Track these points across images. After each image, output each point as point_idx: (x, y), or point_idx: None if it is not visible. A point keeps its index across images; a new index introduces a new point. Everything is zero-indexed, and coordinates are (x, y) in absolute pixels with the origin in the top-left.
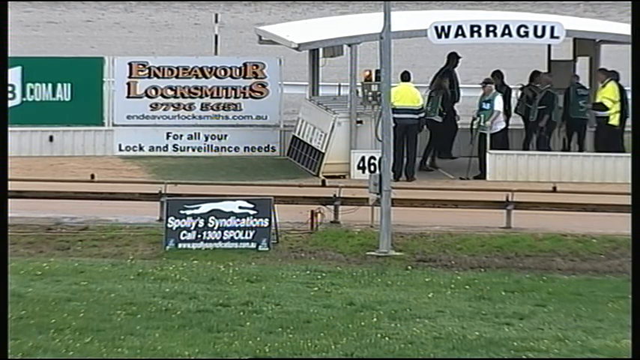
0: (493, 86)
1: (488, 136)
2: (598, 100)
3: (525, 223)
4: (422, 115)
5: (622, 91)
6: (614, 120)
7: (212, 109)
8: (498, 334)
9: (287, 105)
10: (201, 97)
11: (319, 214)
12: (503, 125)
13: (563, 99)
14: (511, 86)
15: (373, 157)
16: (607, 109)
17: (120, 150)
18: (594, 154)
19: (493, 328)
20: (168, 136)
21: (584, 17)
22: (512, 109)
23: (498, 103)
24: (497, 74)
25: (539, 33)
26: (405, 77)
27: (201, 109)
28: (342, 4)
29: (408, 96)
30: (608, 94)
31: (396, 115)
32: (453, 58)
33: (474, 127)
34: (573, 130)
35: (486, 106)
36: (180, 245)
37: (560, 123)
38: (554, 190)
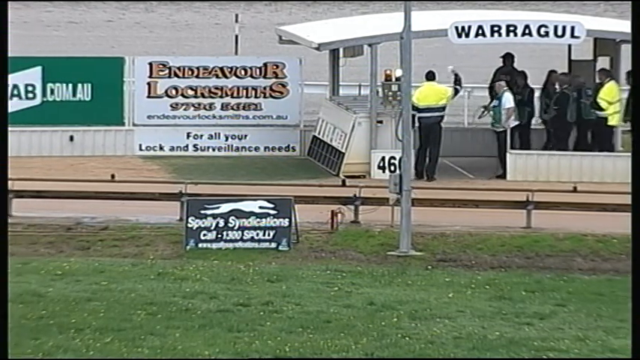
0: (503, 83)
1: (507, 133)
2: (595, 100)
3: (546, 223)
4: (443, 113)
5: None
6: (614, 120)
7: (232, 109)
8: (519, 334)
9: (307, 105)
10: (221, 97)
11: (339, 214)
12: (515, 122)
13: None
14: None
15: (393, 157)
16: (602, 109)
17: (140, 150)
18: (615, 154)
19: (514, 328)
20: (188, 136)
21: (605, 17)
22: (538, 109)
23: (507, 100)
24: (521, 75)
25: (560, 33)
26: (430, 77)
27: (222, 109)
28: (363, 4)
29: (431, 95)
30: (604, 95)
31: (418, 115)
32: (509, 58)
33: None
34: (586, 130)
35: (495, 103)
36: (200, 245)
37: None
38: (575, 190)
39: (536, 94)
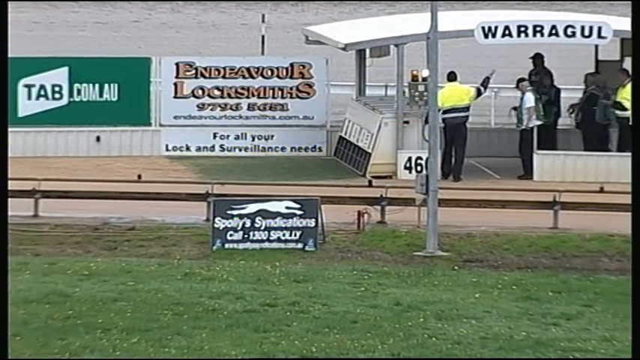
0: (526, 83)
1: (531, 133)
2: (617, 100)
3: (572, 223)
4: (468, 113)
5: None
6: None
7: (259, 109)
8: (545, 335)
9: (334, 105)
10: (248, 97)
11: (366, 215)
12: (536, 122)
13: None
14: (560, 87)
15: (420, 158)
16: (625, 109)
17: (167, 150)
18: None
19: (540, 329)
20: (215, 137)
21: None
22: (565, 110)
23: (528, 99)
24: (547, 74)
25: (587, 33)
26: (452, 77)
27: (248, 110)
28: (389, 4)
29: (454, 95)
30: (626, 94)
31: (443, 116)
32: (539, 58)
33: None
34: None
35: (519, 102)
36: (227, 245)
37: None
38: (602, 190)
39: (563, 94)
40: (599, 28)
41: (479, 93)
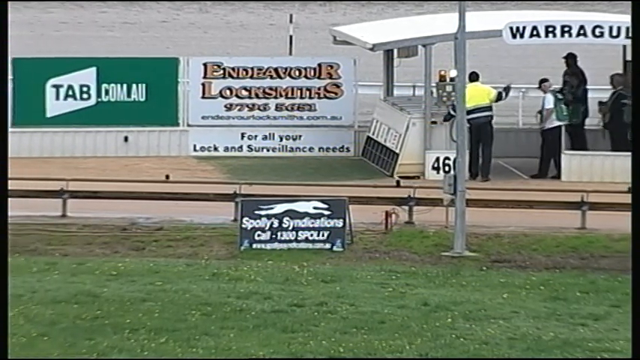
0: (548, 84)
1: (553, 133)
2: None
3: (600, 223)
4: (492, 112)
5: None
6: None
7: (287, 109)
8: (573, 335)
9: (361, 105)
10: (275, 97)
11: (394, 215)
12: (552, 124)
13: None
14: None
15: (448, 158)
16: None
17: (194, 150)
18: None
19: (568, 329)
20: (242, 137)
21: None
22: (595, 110)
23: (547, 101)
24: (574, 75)
25: (615, 33)
26: (473, 77)
27: (276, 110)
28: (417, 5)
29: (476, 95)
30: None
31: (467, 116)
32: (572, 58)
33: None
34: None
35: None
36: (254, 245)
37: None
38: (630, 190)
39: (590, 94)
40: (628, 29)
41: (499, 96)
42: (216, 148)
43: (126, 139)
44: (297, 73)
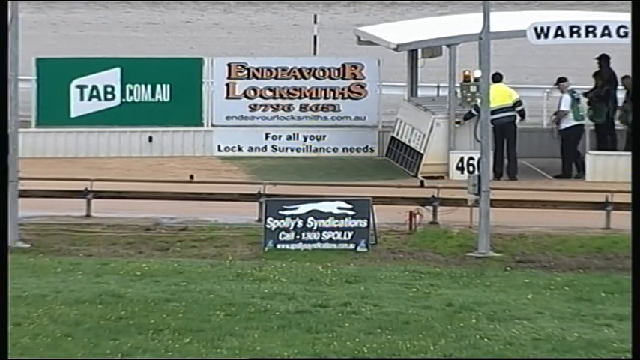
0: (566, 84)
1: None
2: None
3: (625, 224)
4: (515, 112)
5: None
6: None
7: (311, 109)
8: (598, 336)
9: (386, 106)
10: (299, 97)
11: (418, 215)
12: (569, 124)
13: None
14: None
15: (472, 158)
16: None
17: (219, 151)
18: None
19: (592, 330)
20: (267, 137)
21: None
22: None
23: (564, 102)
24: (599, 75)
25: None
26: (497, 78)
27: (300, 110)
28: (441, 5)
29: (499, 95)
30: None
31: (491, 117)
32: (605, 60)
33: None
34: None
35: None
36: (278, 246)
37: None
38: None
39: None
40: None
41: (519, 103)
42: (240, 149)
43: (150, 139)
44: (321, 73)
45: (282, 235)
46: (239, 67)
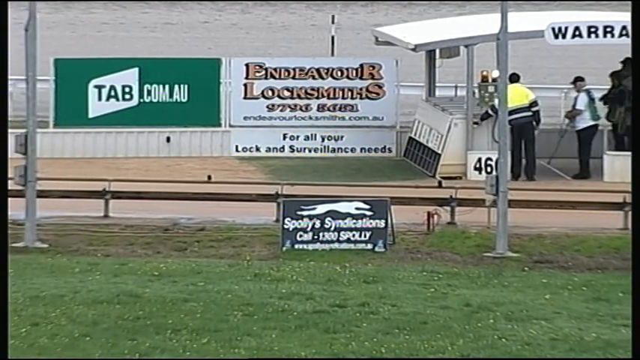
0: (582, 83)
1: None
2: None
3: None
4: (532, 112)
5: None
6: None
7: (328, 110)
8: (616, 336)
9: (403, 106)
10: (317, 98)
11: (436, 215)
12: (587, 124)
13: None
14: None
15: (490, 158)
16: None
17: (237, 151)
18: None
19: (610, 330)
20: (284, 137)
21: None
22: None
23: (580, 101)
24: (616, 75)
25: None
26: (514, 78)
27: (318, 110)
28: (459, 5)
29: (516, 95)
30: None
31: (508, 117)
32: (629, 63)
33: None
34: None
35: (573, 102)
36: (296, 246)
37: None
38: None
39: None
40: None
41: (535, 104)
42: (258, 149)
43: (168, 139)
44: (339, 73)
45: (300, 236)
46: (257, 67)
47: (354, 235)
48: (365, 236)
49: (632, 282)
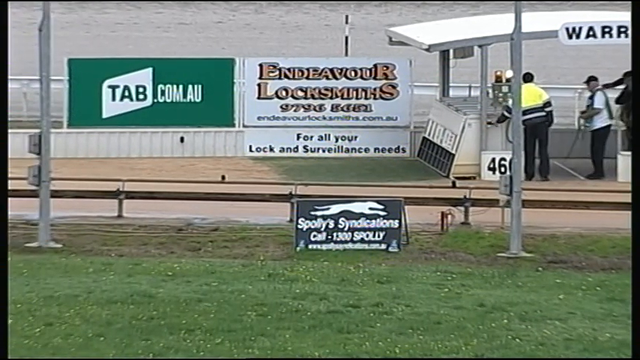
0: (595, 83)
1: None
2: None
3: None
4: (546, 112)
5: None
6: None
7: (342, 110)
8: (630, 336)
9: (417, 106)
10: (331, 98)
11: (449, 216)
12: (604, 123)
13: None
14: None
15: (503, 159)
16: None
17: (250, 151)
18: None
19: (625, 330)
20: (298, 137)
21: None
22: None
23: (598, 100)
24: (628, 75)
25: None
26: (528, 78)
27: (332, 110)
28: (473, 5)
29: (530, 95)
30: None
31: (522, 117)
32: None
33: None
34: None
35: (588, 102)
36: (310, 246)
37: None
38: None
39: None
40: None
41: (549, 104)
42: (271, 149)
43: (182, 139)
44: (352, 73)
45: (314, 236)
46: (271, 67)
47: (367, 236)
48: (379, 236)
49: (632, 282)
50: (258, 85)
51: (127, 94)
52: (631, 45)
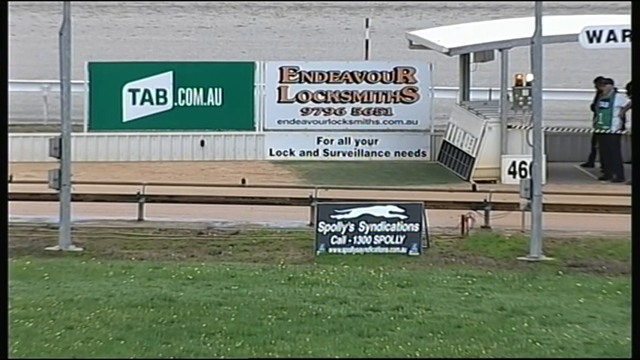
0: (610, 86)
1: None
2: None
3: None
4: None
5: None
6: None
7: (363, 113)
8: None
9: (437, 110)
10: (351, 101)
11: (470, 219)
12: (621, 126)
13: None
14: None
15: (524, 162)
16: None
17: (271, 155)
18: None
19: None
20: (318, 141)
21: None
22: None
23: (619, 100)
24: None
25: None
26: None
27: (352, 114)
28: (493, 9)
29: None
30: None
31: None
32: None
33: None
34: None
35: (604, 104)
36: (330, 250)
37: None
38: None
39: None
40: None
41: None
42: (292, 153)
43: (202, 143)
44: (373, 77)
45: (334, 239)
46: (291, 71)
47: (388, 239)
48: (399, 240)
49: (632, 282)
50: (279, 88)
51: (147, 97)
52: (631, 45)
